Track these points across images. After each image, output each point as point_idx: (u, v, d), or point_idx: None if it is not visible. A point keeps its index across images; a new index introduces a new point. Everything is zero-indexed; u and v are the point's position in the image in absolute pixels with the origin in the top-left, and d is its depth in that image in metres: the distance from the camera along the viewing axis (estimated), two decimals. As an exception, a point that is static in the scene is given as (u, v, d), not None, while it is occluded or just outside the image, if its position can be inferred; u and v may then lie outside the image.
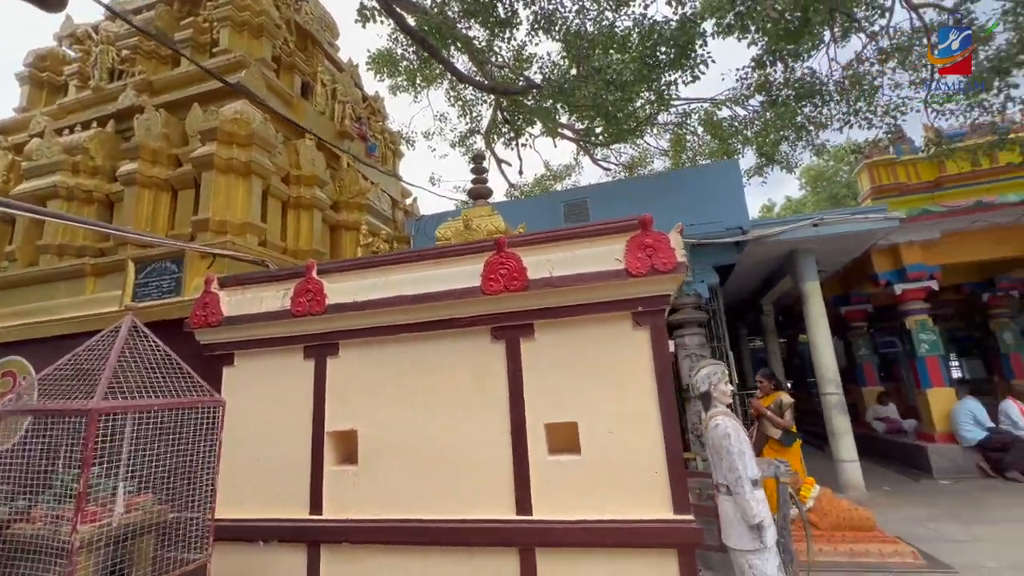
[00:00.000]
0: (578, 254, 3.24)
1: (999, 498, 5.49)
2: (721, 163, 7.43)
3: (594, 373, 3.14)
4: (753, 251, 6.97)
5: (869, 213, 6.21)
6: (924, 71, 7.01)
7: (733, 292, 9.95)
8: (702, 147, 11.53)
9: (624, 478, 2.97)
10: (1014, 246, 7.20)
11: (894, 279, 7.40)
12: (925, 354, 7.19)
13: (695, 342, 6.97)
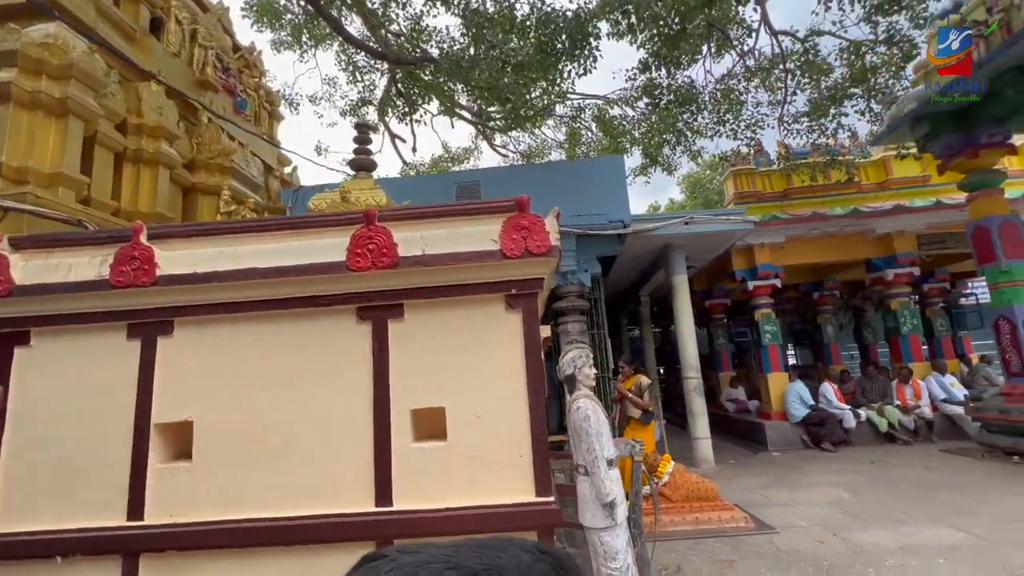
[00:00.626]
0: (454, 232, 3.10)
1: (814, 465, 6.44)
2: (607, 158, 7.77)
3: (465, 356, 3.04)
4: (633, 244, 7.38)
5: (730, 215, 6.87)
6: (780, 93, 7.93)
7: (615, 283, 10.53)
8: (595, 144, 12.01)
9: (490, 463, 2.92)
10: (838, 252, 8.46)
11: (747, 276, 8.32)
12: (767, 343, 8.21)
13: (576, 329, 7.22)
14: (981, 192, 6.42)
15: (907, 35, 6.63)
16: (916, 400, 7.46)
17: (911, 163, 8.27)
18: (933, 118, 6.46)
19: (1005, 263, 6.12)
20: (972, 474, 5.44)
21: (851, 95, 7.39)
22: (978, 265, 6.45)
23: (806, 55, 7.09)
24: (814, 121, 7.51)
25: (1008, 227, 6.21)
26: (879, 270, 8.35)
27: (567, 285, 7.20)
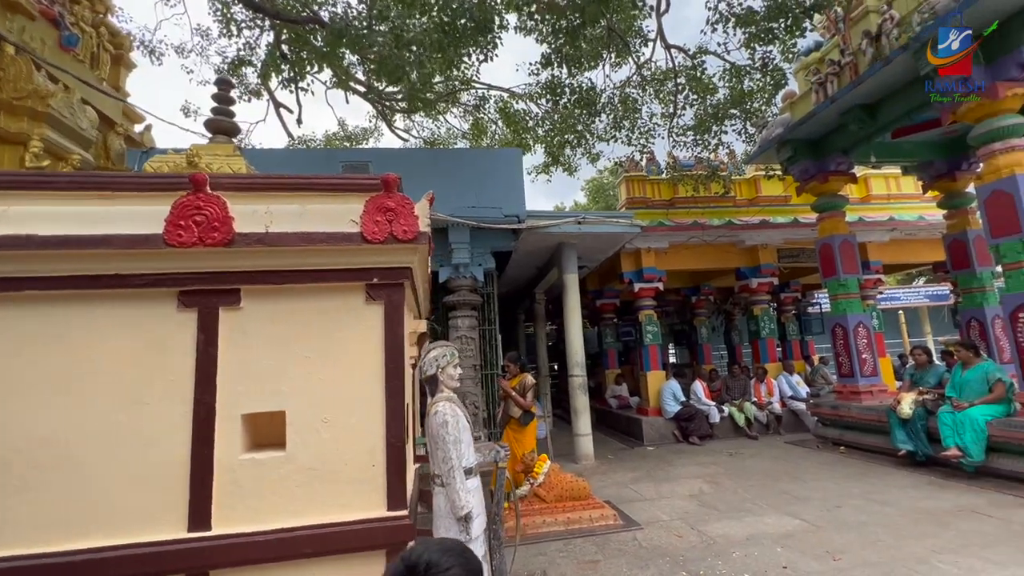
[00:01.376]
0: (307, 209, 2.68)
1: (682, 458, 6.86)
2: (505, 150, 7.64)
3: (314, 353, 2.65)
4: (528, 240, 7.31)
5: (620, 218, 7.07)
6: (671, 106, 8.35)
7: (512, 280, 10.49)
8: (500, 138, 11.89)
9: (337, 475, 2.57)
10: (714, 260, 9.16)
11: (634, 278, 8.69)
12: (649, 343, 8.65)
13: (467, 324, 7.00)
14: (828, 213, 7.25)
15: (779, 66, 7.28)
16: (769, 397, 8.29)
17: (776, 183, 9.18)
18: (795, 144, 7.17)
19: (843, 277, 6.96)
20: (808, 463, 6.10)
21: (731, 115, 7.98)
22: (822, 278, 7.29)
23: (694, 71, 7.54)
24: (699, 136, 8.02)
25: (847, 246, 7.08)
26: (746, 278, 9.17)
27: (459, 278, 6.95)
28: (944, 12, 4.82)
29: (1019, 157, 4.87)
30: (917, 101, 5.67)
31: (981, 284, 7.00)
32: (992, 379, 5.05)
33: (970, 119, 5.17)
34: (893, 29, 5.57)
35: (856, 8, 6.39)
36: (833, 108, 6.34)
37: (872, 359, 6.87)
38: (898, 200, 9.77)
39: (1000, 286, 7.97)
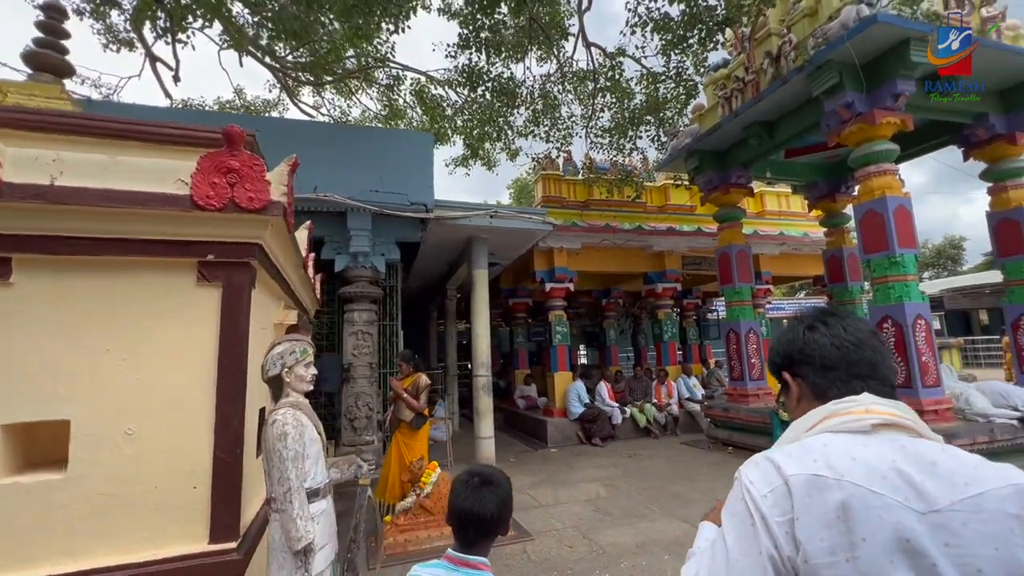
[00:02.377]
0: (118, 162, 2.09)
1: (583, 460, 6.80)
2: (415, 134, 7.17)
3: (117, 346, 2.07)
4: (437, 231, 6.89)
5: (533, 214, 6.88)
6: (589, 107, 8.34)
7: (422, 274, 9.99)
8: (417, 126, 11.32)
9: (142, 500, 2.02)
10: (624, 264, 9.31)
11: (546, 278, 8.58)
12: (557, 343, 8.58)
13: (364, 318, 6.44)
14: (727, 224, 7.58)
15: (691, 77, 7.50)
16: (669, 398, 8.55)
17: (684, 192, 9.54)
18: (701, 154, 7.41)
19: (738, 285, 7.30)
20: (700, 464, 6.27)
21: (646, 121, 8.12)
22: (720, 285, 7.61)
23: (612, 71, 7.55)
24: (615, 138, 8.07)
25: (743, 256, 7.44)
26: (653, 283, 9.43)
27: (358, 268, 6.38)
28: (834, 39, 5.11)
29: (890, 180, 5.30)
30: (809, 122, 6.03)
31: (852, 297, 7.68)
32: (859, 384, 5.45)
33: (851, 142, 5.55)
34: (791, 52, 5.86)
35: (760, 30, 6.71)
36: (736, 122, 6.60)
37: (760, 363, 7.26)
38: (788, 217, 10.59)
39: (868, 300, 8.85)
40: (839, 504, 0.67)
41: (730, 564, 0.72)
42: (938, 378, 4.99)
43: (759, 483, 0.74)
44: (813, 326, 0.90)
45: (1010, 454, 4.77)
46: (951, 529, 0.64)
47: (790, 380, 0.91)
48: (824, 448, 0.73)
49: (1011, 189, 6.01)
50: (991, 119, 5.93)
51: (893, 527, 0.65)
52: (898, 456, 0.71)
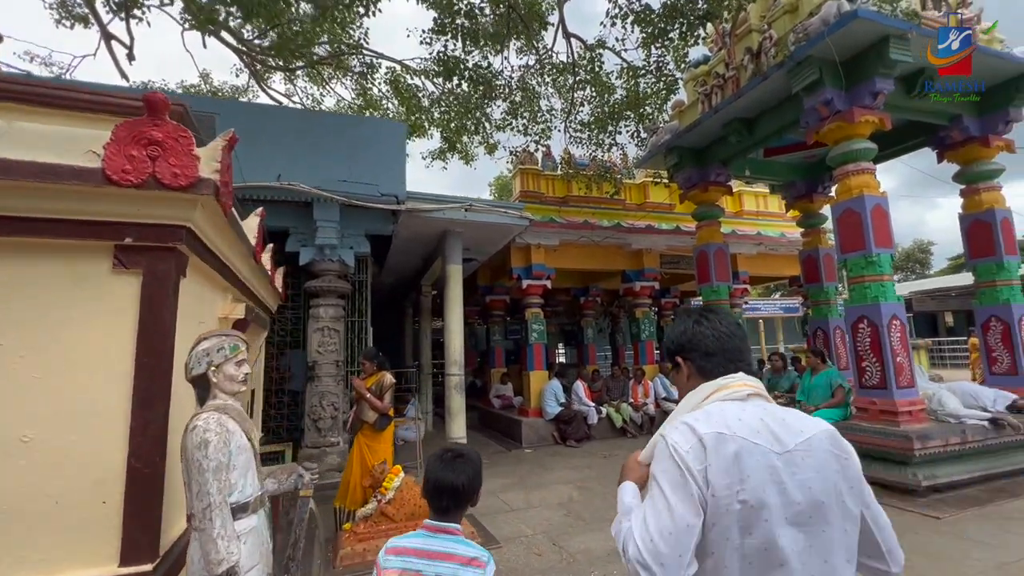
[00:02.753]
0: (16, 128, 1.82)
1: (558, 461, 6.65)
2: (386, 122, 6.90)
3: (12, 340, 1.80)
4: (409, 225, 6.64)
5: (509, 208, 6.68)
6: (568, 101, 8.17)
7: (396, 269, 9.71)
8: (394, 117, 11.00)
9: (39, 517, 1.75)
10: (602, 261, 9.18)
11: (523, 274, 8.40)
12: (534, 341, 8.41)
13: (331, 314, 6.16)
14: (706, 222, 7.50)
15: (672, 73, 7.39)
16: (645, 398, 8.46)
17: (663, 190, 9.46)
18: (680, 151, 7.32)
19: (716, 284, 7.23)
20: (675, 465, 6.16)
21: (625, 116, 7.99)
22: (698, 284, 7.54)
23: (592, 64, 7.39)
24: (594, 133, 7.93)
25: (720, 255, 7.37)
26: (631, 281, 9.33)
27: (324, 261, 6.09)
28: (815, 35, 5.04)
29: (868, 179, 5.25)
30: (788, 119, 5.97)
31: (827, 297, 7.68)
32: (834, 385, 5.41)
33: (830, 140, 5.50)
34: (771, 48, 5.78)
35: (741, 26, 6.63)
36: (716, 119, 6.51)
37: (736, 363, 7.20)
38: (765, 217, 10.62)
39: (843, 300, 8.90)
40: (734, 453, 0.93)
41: (671, 507, 0.92)
42: (912, 379, 4.97)
43: (682, 442, 0.96)
44: (699, 321, 1.16)
45: (981, 455, 4.77)
46: (795, 462, 0.94)
47: (682, 362, 1.16)
48: (721, 413, 0.99)
49: (983, 191, 6.05)
50: (965, 121, 5.95)
51: (765, 464, 0.93)
52: (764, 416, 1.00)
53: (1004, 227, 5.92)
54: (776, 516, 0.91)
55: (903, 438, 4.48)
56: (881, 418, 4.88)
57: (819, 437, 0.99)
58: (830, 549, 0.93)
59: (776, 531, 0.90)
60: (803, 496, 0.92)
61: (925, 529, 3.73)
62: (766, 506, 0.91)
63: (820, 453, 0.97)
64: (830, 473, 0.96)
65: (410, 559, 1.38)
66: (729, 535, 0.91)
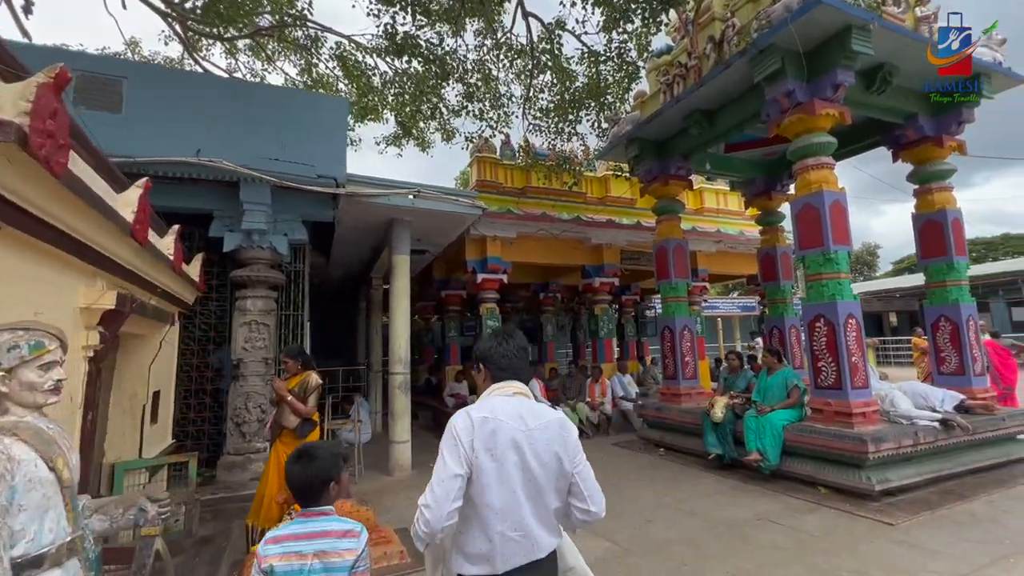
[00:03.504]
0: None
1: (509, 465, 6.29)
2: (325, 97, 6.34)
3: None
4: (351, 211, 6.13)
5: (461, 196, 6.26)
6: (527, 85, 7.80)
7: (344, 260, 9.15)
8: (345, 98, 10.37)
9: None
10: (561, 256, 8.89)
11: (478, 268, 8.00)
12: (488, 338, 8.02)
13: (260, 307, 5.59)
14: (666, 217, 7.30)
15: (634, 61, 7.12)
16: (602, 397, 8.22)
17: (624, 183, 9.25)
18: (642, 142, 7.07)
19: (675, 280, 7.04)
20: (630, 468, 5.93)
21: (586, 105, 7.68)
22: (657, 280, 7.33)
23: (551, 45, 7.03)
24: (553, 121, 7.59)
25: (680, 251, 7.18)
26: (590, 277, 9.08)
27: (252, 249, 5.52)
28: (778, 22, 4.84)
29: (827, 174, 5.12)
30: (750, 111, 5.79)
31: (783, 296, 7.63)
32: (790, 385, 5.27)
33: (790, 133, 5.34)
34: (734, 36, 5.57)
35: (704, 14, 6.42)
36: (678, 109, 6.28)
37: (694, 362, 7.05)
38: (725, 215, 10.59)
39: (799, 299, 8.92)
40: (492, 429, 1.43)
41: (447, 465, 1.40)
42: (866, 379, 4.87)
43: (461, 424, 1.45)
44: (500, 342, 1.64)
45: (932, 457, 4.71)
46: (533, 437, 1.46)
47: (484, 369, 1.64)
48: (491, 404, 1.50)
49: (936, 191, 6.05)
50: (920, 120, 5.92)
51: (511, 437, 1.44)
52: (519, 407, 1.51)
53: (955, 228, 5.94)
54: (513, 468, 1.41)
55: (857, 440, 4.35)
56: (836, 419, 4.75)
57: (553, 422, 1.51)
58: (546, 487, 1.45)
59: (513, 476, 1.41)
60: (534, 457, 1.43)
61: (880, 538, 3.57)
62: (508, 460, 1.41)
63: (550, 431, 1.48)
64: (555, 444, 1.47)
65: (288, 544, 1.50)
66: (485, 478, 1.39)
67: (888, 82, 5.39)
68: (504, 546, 1.39)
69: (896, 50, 5.15)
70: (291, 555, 1.47)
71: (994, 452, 5.14)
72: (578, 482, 1.50)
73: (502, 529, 1.39)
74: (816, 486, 4.67)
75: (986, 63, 5.57)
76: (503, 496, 1.39)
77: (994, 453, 5.13)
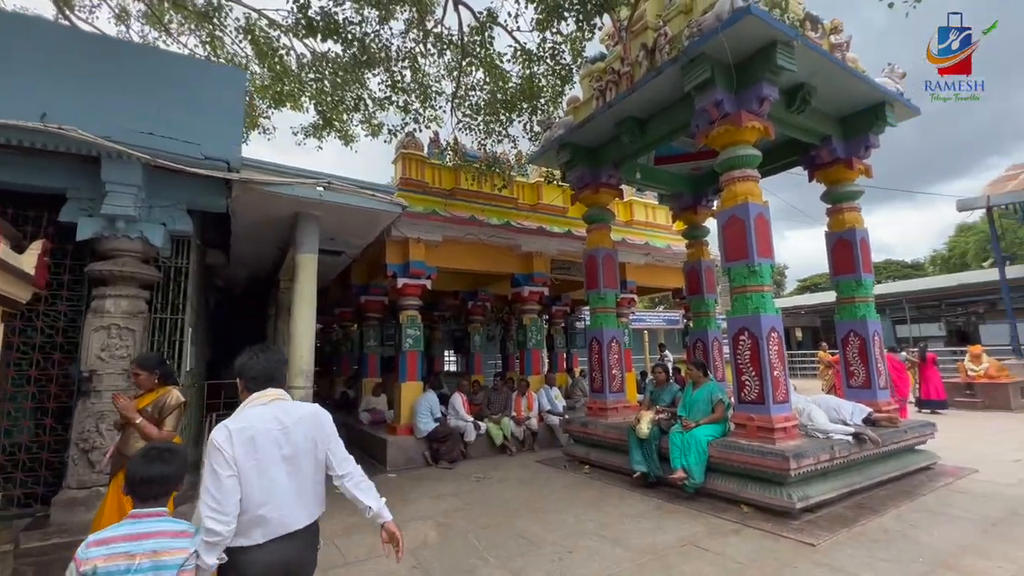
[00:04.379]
0: None
1: (423, 488, 5.73)
2: (218, 65, 5.56)
3: None
4: (250, 201, 5.36)
5: (378, 191, 5.68)
6: (456, 80, 7.40)
7: (248, 259, 8.20)
8: (259, 83, 9.42)
9: None
10: (491, 263, 8.47)
11: (399, 272, 7.41)
12: (408, 348, 7.42)
13: (124, 308, 4.66)
14: (596, 226, 7.13)
15: (568, 64, 6.94)
16: (528, 411, 7.86)
17: (556, 189, 9.06)
18: (574, 148, 6.87)
19: (603, 290, 6.86)
20: (553, 488, 5.57)
21: (519, 107, 7.40)
22: (586, 290, 7.12)
23: (482, 37, 6.69)
24: (485, 121, 7.23)
25: (609, 260, 7.02)
26: (520, 285, 8.75)
27: (117, 238, 4.62)
28: (708, 31, 4.78)
29: (752, 187, 5.11)
30: (680, 121, 5.74)
31: (707, 309, 7.71)
32: (715, 399, 5.17)
33: (718, 145, 5.31)
34: (666, 45, 5.52)
35: (637, 23, 6.37)
36: (610, 115, 6.14)
37: (621, 375, 6.87)
38: (654, 228, 10.72)
39: (721, 314, 9.10)
40: (251, 436, 1.72)
41: (216, 472, 1.64)
42: (787, 393, 4.85)
43: (220, 437, 1.69)
44: (254, 356, 1.94)
45: (846, 471, 4.74)
46: (290, 431, 1.81)
47: (241, 382, 1.93)
48: (247, 414, 1.80)
49: (846, 211, 6.32)
50: (834, 142, 6.17)
51: (271, 438, 1.76)
52: (275, 411, 1.83)
53: (862, 246, 6.21)
54: (275, 461, 1.76)
55: (780, 457, 4.26)
56: (758, 434, 4.67)
57: (307, 415, 1.90)
58: (308, 469, 1.83)
59: (273, 469, 1.74)
60: (293, 447, 1.80)
61: (804, 562, 3.42)
62: (269, 456, 1.74)
63: (306, 423, 1.87)
64: (312, 432, 1.87)
65: (116, 546, 1.50)
66: (245, 475, 1.68)
67: (807, 102, 5.54)
68: (266, 525, 1.71)
69: (815, 71, 5.30)
70: (118, 556, 1.48)
71: (897, 463, 5.32)
72: (331, 458, 1.91)
73: (264, 512, 1.70)
74: (740, 504, 4.54)
75: (891, 92, 5.91)
76: (263, 487, 1.71)
77: (897, 464, 5.30)
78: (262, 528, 1.69)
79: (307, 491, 1.82)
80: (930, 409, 10.35)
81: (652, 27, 6.08)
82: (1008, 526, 3.98)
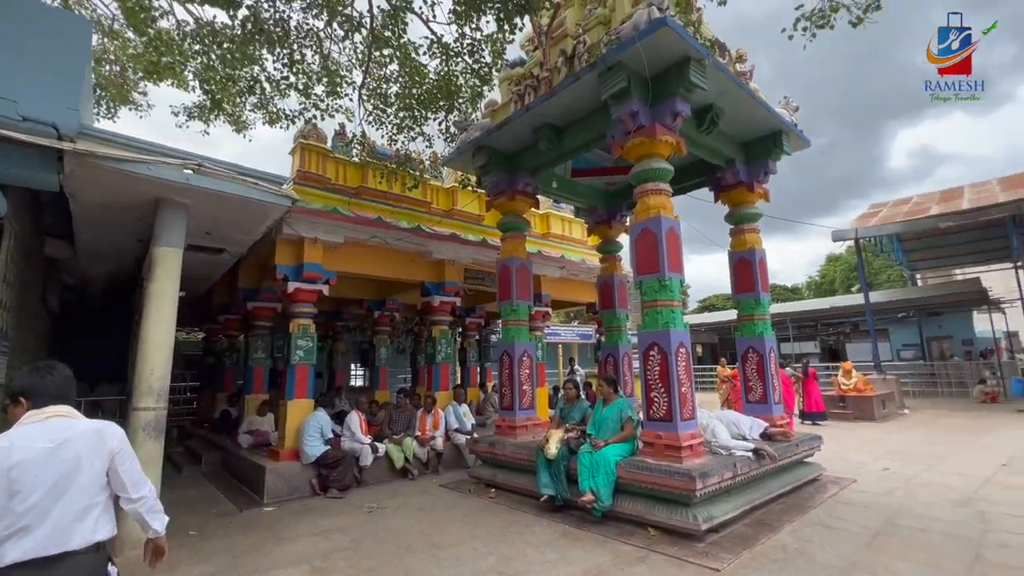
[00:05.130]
0: None
1: (303, 524, 4.97)
2: (57, 11, 4.55)
3: None
4: (92, 179, 4.40)
5: (262, 179, 4.94)
6: (364, 65, 6.82)
7: (103, 250, 6.93)
8: (131, 52, 8.13)
9: None
10: (400, 270, 7.88)
11: (291, 275, 6.60)
12: (297, 361, 6.59)
13: None
14: (511, 234, 6.84)
15: (486, 63, 6.65)
16: (434, 431, 7.30)
17: (471, 195, 8.69)
18: (490, 151, 6.56)
19: (516, 302, 6.55)
20: (454, 516, 5.07)
21: (436, 105, 6.97)
22: (499, 301, 6.78)
23: (395, 21, 6.19)
24: (397, 115, 6.70)
25: (523, 271, 6.75)
26: (430, 295, 8.22)
27: None
28: (626, 39, 4.71)
29: (664, 200, 5.08)
30: (597, 131, 5.63)
31: (619, 324, 7.70)
32: (624, 417, 5.00)
33: (632, 156, 5.25)
34: (584, 52, 5.41)
35: (557, 29, 6.25)
36: (528, 121, 5.91)
37: (532, 391, 6.58)
38: (569, 242, 10.72)
39: (632, 329, 9.17)
40: (19, 459, 1.66)
41: None
42: (694, 410, 4.79)
43: None
44: (41, 373, 1.89)
45: (746, 488, 4.75)
46: (60, 450, 1.73)
47: (23, 400, 1.85)
48: (13, 433, 1.74)
49: (747, 232, 6.57)
50: (737, 166, 6.41)
51: (39, 457, 1.68)
52: (47, 429, 1.76)
53: (760, 266, 6.48)
54: (44, 481, 1.67)
55: (686, 477, 4.13)
56: (666, 453, 4.54)
57: (87, 432, 1.82)
58: (80, 490, 1.74)
59: (35, 490, 1.65)
60: (63, 467, 1.71)
61: (710, 591, 3.24)
62: (30, 475, 1.66)
63: (84, 440, 1.79)
64: (84, 451, 1.77)
65: None
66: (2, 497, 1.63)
67: (715, 123, 5.68)
68: (20, 547, 1.62)
69: (723, 92, 5.43)
70: None
71: (790, 477, 5.47)
72: (120, 475, 1.86)
73: (17, 533, 1.63)
74: (647, 527, 4.35)
75: (787, 122, 6.27)
76: (19, 508, 1.64)
77: (790, 478, 5.46)
78: (17, 549, 1.63)
79: (79, 513, 1.73)
80: (812, 421, 11.23)
81: (572, 35, 5.98)
82: (887, 537, 4.14)
